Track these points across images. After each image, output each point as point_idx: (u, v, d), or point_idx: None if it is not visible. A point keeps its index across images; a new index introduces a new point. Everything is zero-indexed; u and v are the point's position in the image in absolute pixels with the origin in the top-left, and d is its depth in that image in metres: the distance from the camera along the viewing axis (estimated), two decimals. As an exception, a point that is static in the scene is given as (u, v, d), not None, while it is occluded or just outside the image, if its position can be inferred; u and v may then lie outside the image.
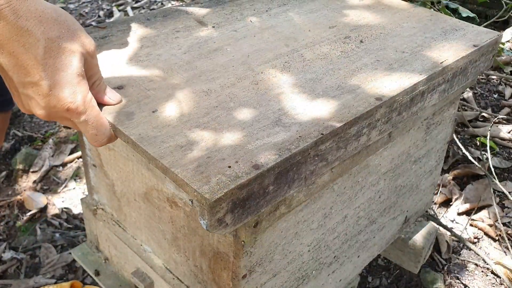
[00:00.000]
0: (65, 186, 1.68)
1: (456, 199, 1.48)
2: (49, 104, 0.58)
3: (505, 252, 1.33)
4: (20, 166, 1.73)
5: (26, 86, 0.57)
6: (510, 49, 2.11)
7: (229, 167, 0.58)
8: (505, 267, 1.27)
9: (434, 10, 1.70)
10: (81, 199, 1.02)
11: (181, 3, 2.74)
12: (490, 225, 1.40)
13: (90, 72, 0.63)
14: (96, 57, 0.63)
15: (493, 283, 1.26)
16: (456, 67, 0.85)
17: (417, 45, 0.88)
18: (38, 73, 0.56)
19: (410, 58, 0.84)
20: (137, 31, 0.88)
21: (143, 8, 2.91)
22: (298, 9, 1.00)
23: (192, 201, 0.70)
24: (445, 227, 1.34)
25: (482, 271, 1.29)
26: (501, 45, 1.88)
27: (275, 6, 1.02)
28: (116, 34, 0.86)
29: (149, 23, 0.91)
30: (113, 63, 0.78)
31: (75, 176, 1.73)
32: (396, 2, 1.07)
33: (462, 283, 1.26)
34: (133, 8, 2.92)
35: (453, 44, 0.89)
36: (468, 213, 1.45)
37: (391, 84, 0.76)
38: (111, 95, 0.67)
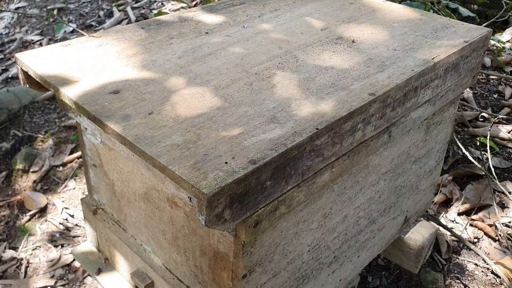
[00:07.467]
0: (65, 186, 1.69)
1: (456, 199, 1.48)
2: None
3: (505, 252, 1.33)
4: (20, 166, 1.73)
5: None
6: (510, 48, 2.11)
7: (226, 163, 0.59)
8: (505, 267, 1.27)
9: (434, 10, 1.70)
10: (81, 199, 1.02)
11: (180, 4, 2.74)
12: (490, 225, 1.40)
13: None
14: None
15: (493, 283, 1.26)
16: (448, 63, 0.86)
17: (408, 43, 0.89)
18: None
19: (402, 55, 0.85)
20: (131, 39, 0.89)
21: (143, 8, 2.91)
22: (290, 14, 1.02)
23: (190, 198, 0.70)
24: (445, 227, 1.34)
25: (482, 271, 1.29)
26: (501, 45, 1.88)
27: (267, 11, 1.03)
28: (111, 43, 0.87)
29: (143, 32, 0.92)
30: (109, 69, 0.79)
31: (75, 176, 1.73)
32: (387, 4, 1.09)
33: (462, 283, 1.26)
34: (133, 8, 2.92)
35: (444, 41, 0.90)
36: (468, 213, 1.45)
37: (384, 80, 0.77)
38: None
